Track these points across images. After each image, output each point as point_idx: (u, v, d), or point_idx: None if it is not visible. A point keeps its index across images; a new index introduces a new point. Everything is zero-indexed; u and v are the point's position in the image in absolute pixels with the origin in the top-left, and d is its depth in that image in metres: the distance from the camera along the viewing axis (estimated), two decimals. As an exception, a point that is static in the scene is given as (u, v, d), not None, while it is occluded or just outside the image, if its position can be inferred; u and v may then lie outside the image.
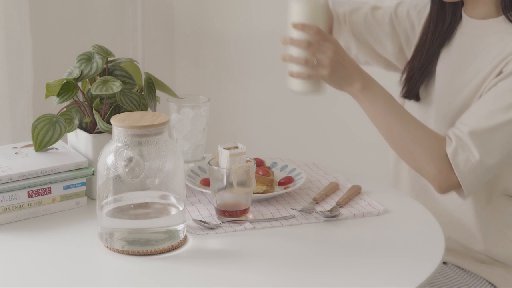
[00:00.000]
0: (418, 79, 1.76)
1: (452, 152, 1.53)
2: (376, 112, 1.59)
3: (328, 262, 1.33)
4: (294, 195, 1.60)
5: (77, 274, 1.29)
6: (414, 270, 1.31)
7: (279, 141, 3.18)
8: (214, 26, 3.26)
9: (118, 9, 3.09)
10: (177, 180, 1.37)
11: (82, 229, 1.45)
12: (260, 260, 1.33)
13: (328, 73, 1.55)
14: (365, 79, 1.58)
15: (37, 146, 1.54)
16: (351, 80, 1.57)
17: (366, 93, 1.57)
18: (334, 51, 1.55)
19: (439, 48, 1.75)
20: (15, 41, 2.51)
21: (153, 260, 1.33)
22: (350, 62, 1.58)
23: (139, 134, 1.33)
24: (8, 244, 1.39)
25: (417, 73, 1.76)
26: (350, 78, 1.57)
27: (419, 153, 1.57)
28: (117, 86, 1.53)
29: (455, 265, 1.73)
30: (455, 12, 1.74)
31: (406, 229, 1.48)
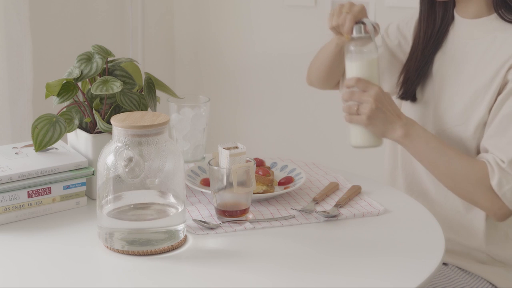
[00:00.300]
0: (414, 80, 1.77)
1: (497, 184, 1.57)
2: (421, 156, 1.65)
3: (328, 262, 1.33)
4: (294, 195, 1.60)
5: (77, 274, 1.29)
6: (414, 270, 1.31)
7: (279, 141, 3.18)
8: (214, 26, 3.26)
9: (118, 9, 3.09)
10: (177, 180, 1.37)
11: (82, 229, 1.45)
12: (260, 260, 1.33)
13: (367, 120, 1.62)
14: (406, 126, 1.63)
15: (37, 146, 1.54)
16: (393, 128, 1.63)
17: (409, 140, 1.63)
18: (375, 99, 1.61)
19: (434, 50, 1.76)
20: (15, 41, 2.51)
21: (153, 260, 1.33)
22: (391, 109, 1.63)
23: (139, 134, 1.33)
24: (8, 244, 1.39)
25: (413, 75, 1.77)
26: (391, 125, 1.63)
27: (469, 188, 1.61)
28: (118, 86, 1.53)
29: (455, 266, 1.73)
30: (445, 12, 1.75)
31: (406, 229, 1.48)
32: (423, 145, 1.63)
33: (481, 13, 1.69)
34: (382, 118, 1.62)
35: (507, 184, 1.57)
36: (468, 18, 1.71)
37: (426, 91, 1.76)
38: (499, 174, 1.57)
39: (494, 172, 1.57)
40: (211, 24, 3.27)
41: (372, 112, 1.61)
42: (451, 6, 1.75)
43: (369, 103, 1.61)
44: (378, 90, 1.62)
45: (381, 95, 1.62)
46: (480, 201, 1.62)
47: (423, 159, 1.66)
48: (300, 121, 3.13)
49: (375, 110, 1.61)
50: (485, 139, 1.62)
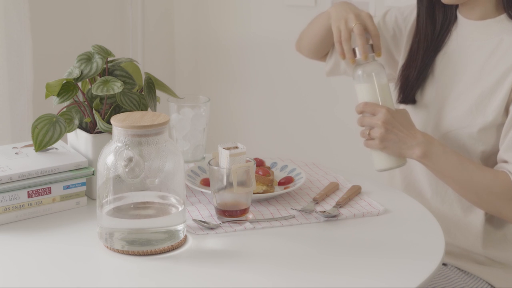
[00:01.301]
0: (414, 85, 1.76)
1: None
2: (442, 173, 1.63)
3: (328, 262, 1.33)
4: (294, 195, 1.60)
5: (77, 274, 1.29)
6: (414, 270, 1.31)
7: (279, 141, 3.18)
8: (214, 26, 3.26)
9: (118, 9, 3.09)
10: (177, 180, 1.37)
11: (82, 229, 1.45)
12: (260, 260, 1.33)
13: (380, 144, 1.62)
14: (423, 144, 1.61)
15: (37, 146, 1.54)
16: (408, 148, 1.62)
17: (428, 159, 1.62)
18: (383, 121, 1.60)
19: (435, 52, 1.74)
20: (15, 41, 2.51)
21: (153, 260, 1.33)
22: (403, 129, 1.62)
23: (139, 134, 1.33)
24: (8, 244, 1.39)
25: (413, 79, 1.76)
26: (405, 145, 1.62)
27: (494, 201, 1.61)
28: (118, 86, 1.52)
29: (454, 266, 1.73)
30: (446, 14, 1.74)
31: (406, 229, 1.48)
32: (443, 163, 1.62)
33: (488, 15, 1.68)
34: (395, 139, 1.61)
35: None
36: (473, 19, 1.69)
37: (427, 94, 1.75)
38: None
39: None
40: (211, 24, 3.27)
41: (383, 135, 1.61)
42: (452, 7, 1.73)
43: (378, 127, 1.61)
44: (386, 113, 1.61)
45: (389, 117, 1.61)
46: (506, 212, 1.62)
47: (444, 176, 1.64)
48: (300, 121, 3.13)
49: (385, 133, 1.60)
50: (503, 151, 1.61)
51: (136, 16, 3.12)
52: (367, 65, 1.65)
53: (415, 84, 1.76)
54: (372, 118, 1.62)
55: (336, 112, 2.97)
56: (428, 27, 1.74)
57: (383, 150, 1.63)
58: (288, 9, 3.06)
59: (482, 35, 1.68)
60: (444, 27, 1.74)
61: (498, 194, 1.60)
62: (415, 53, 1.76)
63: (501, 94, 1.62)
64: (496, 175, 1.60)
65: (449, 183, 1.65)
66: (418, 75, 1.75)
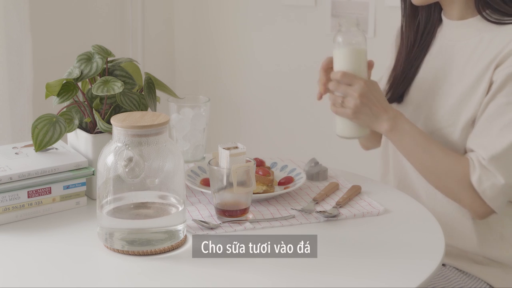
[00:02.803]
0: (400, 84, 1.79)
1: (477, 181, 1.58)
2: (406, 150, 1.65)
3: (328, 262, 1.33)
4: (294, 195, 1.60)
5: (77, 274, 1.29)
6: (414, 270, 1.30)
7: (279, 141, 3.19)
8: (213, 26, 3.26)
9: (118, 9, 3.09)
10: (177, 180, 1.37)
11: (82, 229, 1.45)
12: (260, 260, 1.33)
13: (352, 113, 1.63)
14: (393, 120, 1.64)
15: (37, 146, 1.54)
16: (378, 121, 1.64)
17: (394, 133, 1.64)
18: (360, 94, 1.62)
19: (420, 54, 1.78)
20: (15, 41, 2.51)
21: (153, 260, 1.33)
22: (377, 103, 1.64)
23: (139, 134, 1.33)
24: (8, 244, 1.39)
25: (399, 80, 1.80)
26: (377, 119, 1.64)
27: (452, 185, 1.62)
28: (119, 86, 1.52)
29: (453, 266, 1.73)
30: (429, 16, 1.77)
31: (406, 229, 1.48)
32: (408, 139, 1.64)
33: (467, 15, 1.70)
34: (368, 112, 1.63)
35: (487, 181, 1.57)
36: (454, 19, 1.72)
37: (414, 93, 1.78)
38: (479, 170, 1.58)
39: (475, 169, 1.58)
40: (211, 24, 3.27)
41: (357, 107, 1.62)
42: (435, 10, 1.77)
43: (354, 98, 1.62)
44: (363, 85, 1.62)
45: (366, 90, 1.62)
46: (462, 198, 1.62)
47: (408, 154, 1.66)
48: (300, 121, 3.13)
49: (359, 104, 1.62)
50: (470, 139, 1.63)
51: (136, 16, 3.12)
52: (348, 33, 1.65)
53: (400, 85, 1.79)
54: (348, 87, 1.63)
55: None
56: (411, 30, 1.78)
57: (352, 120, 1.65)
58: (288, 9, 3.06)
59: (463, 35, 1.70)
60: (427, 30, 1.78)
61: (456, 179, 1.61)
62: (400, 55, 1.81)
63: (480, 90, 1.63)
64: (458, 161, 1.61)
65: (412, 162, 1.67)
66: (403, 75, 1.79)
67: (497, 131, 1.58)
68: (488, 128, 1.60)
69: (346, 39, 1.63)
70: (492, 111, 1.60)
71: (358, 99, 1.62)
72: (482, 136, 1.60)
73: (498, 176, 1.56)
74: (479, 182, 1.57)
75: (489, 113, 1.60)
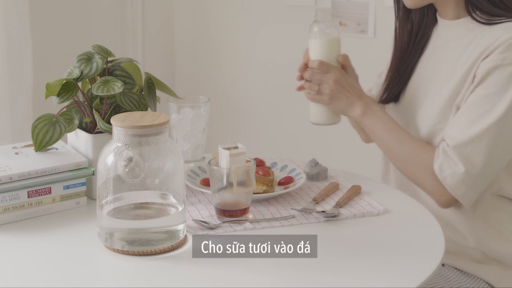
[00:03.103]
0: (396, 84, 1.82)
1: (438, 168, 1.61)
2: (375, 135, 1.72)
3: (327, 262, 1.33)
4: (294, 195, 1.60)
5: (77, 274, 1.29)
6: (414, 270, 1.30)
7: (279, 141, 3.19)
8: (214, 26, 3.26)
9: (118, 9, 3.09)
10: (177, 180, 1.37)
11: (82, 229, 1.45)
12: (260, 260, 1.33)
13: (328, 100, 1.73)
14: (365, 105, 1.72)
15: (37, 146, 1.54)
16: (352, 107, 1.73)
17: (366, 118, 1.72)
18: (335, 81, 1.71)
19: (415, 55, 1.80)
20: (15, 41, 2.51)
21: (153, 260, 1.33)
22: (351, 89, 1.73)
23: (139, 134, 1.33)
24: (8, 244, 1.39)
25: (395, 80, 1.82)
26: (351, 104, 1.73)
27: (417, 171, 1.66)
28: (119, 86, 1.52)
29: (452, 266, 1.73)
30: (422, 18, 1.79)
31: (406, 229, 1.48)
32: (378, 124, 1.70)
33: (460, 14, 1.72)
34: (343, 98, 1.72)
35: (448, 169, 1.60)
36: (448, 19, 1.74)
37: (410, 93, 1.80)
38: (442, 158, 1.60)
39: (438, 157, 1.61)
40: (211, 24, 3.27)
41: (333, 93, 1.71)
42: (428, 12, 1.79)
43: (329, 84, 1.71)
44: (339, 73, 1.71)
45: (341, 77, 1.71)
46: (425, 185, 1.65)
47: (377, 138, 1.72)
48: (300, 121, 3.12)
49: (336, 91, 1.71)
50: (446, 129, 1.66)
51: (136, 16, 3.12)
52: (323, 23, 1.72)
53: (396, 85, 1.82)
54: (323, 75, 1.72)
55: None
56: (405, 30, 1.81)
57: (329, 106, 1.73)
58: (288, 9, 3.06)
59: (456, 34, 1.71)
60: (421, 31, 1.80)
61: (420, 166, 1.64)
62: (394, 56, 1.84)
63: (465, 85, 1.65)
64: (424, 148, 1.65)
65: (380, 146, 1.72)
66: (398, 76, 1.82)
67: (467, 121, 1.60)
68: (461, 118, 1.62)
69: (321, 29, 1.71)
70: (469, 102, 1.62)
71: (333, 85, 1.71)
72: (454, 126, 1.63)
73: (459, 164, 1.59)
74: (440, 170, 1.61)
75: (466, 104, 1.62)
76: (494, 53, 1.60)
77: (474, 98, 1.61)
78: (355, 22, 2.89)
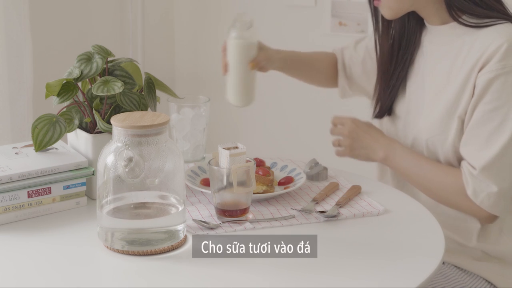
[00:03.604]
0: (388, 97, 1.82)
1: (472, 193, 1.61)
2: (402, 173, 1.73)
3: (327, 262, 1.33)
4: (294, 195, 1.60)
5: (77, 274, 1.29)
6: (414, 270, 1.31)
7: (279, 141, 3.18)
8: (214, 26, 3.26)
9: (118, 9, 3.09)
10: (177, 180, 1.37)
11: (82, 229, 1.45)
12: (260, 260, 1.33)
13: (349, 152, 1.79)
14: (385, 148, 1.75)
15: (37, 146, 1.54)
16: (373, 152, 1.76)
17: (390, 160, 1.74)
18: (349, 132, 1.78)
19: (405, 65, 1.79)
20: (15, 41, 2.51)
21: (153, 260, 1.33)
22: (367, 136, 1.77)
23: (139, 134, 1.33)
24: (8, 244, 1.39)
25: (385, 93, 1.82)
26: (371, 150, 1.77)
27: (451, 199, 1.66)
28: (119, 87, 1.52)
29: (452, 264, 1.73)
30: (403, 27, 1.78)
31: (406, 229, 1.48)
32: (401, 163, 1.71)
33: (447, 19, 1.70)
34: (360, 146, 1.77)
35: (482, 192, 1.60)
36: (436, 25, 1.72)
37: (404, 104, 1.79)
38: (472, 183, 1.61)
39: (468, 182, 1.61)
40: (211, 24, 3.27)
41: (350, 145, 1.78)
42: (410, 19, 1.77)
43: (345, 136, 1.78)
44: (351, 123, 1.78)
45: (354, 127, 1.77)
46: (463, 209, 1.66)
47: (405, 176, 1.73)
48: (300, 121, 3.12)
49: (352, 142, 1.77)
50: (461, 146, 1.65)
51: (136, 16, 3.12)
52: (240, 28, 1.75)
53: (387, 98, 1.82)
54: (340, 128, 1.80)
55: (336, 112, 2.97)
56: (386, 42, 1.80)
57: (352, 156, 1.79)
58: (288, 9, 3.06)
59: (446, 39, 1.70)
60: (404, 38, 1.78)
61: (452, 193, 1.64)
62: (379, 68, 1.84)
63: (466, 95, 1.64)
64: (449, 173, 1.65)
65: (410, 182, 1.73)
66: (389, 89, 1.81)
67: (484, 139, 1.60)
68: (475, 136, 1.61)
69: (237, 34, 1.75)
70: (478, 118, 1.61)
71: (349, 137, 1.78)
72: (470, 144, 1.62)
73: (491, 185, 1.59)
74: (475, 195, 1.60)
75: (475, 120, 1.62)
76: (492, 62, 1.59)
77: (483, 113, 1.60)
78: (355, 22, 2.89)
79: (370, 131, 1.77)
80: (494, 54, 1.58)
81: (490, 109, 1.59)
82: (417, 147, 1.73)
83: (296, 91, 3.09)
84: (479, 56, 1.61)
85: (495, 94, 1.58)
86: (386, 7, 1.69)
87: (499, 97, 1.58)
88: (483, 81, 1.59)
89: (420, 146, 1.72)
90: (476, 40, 1.63)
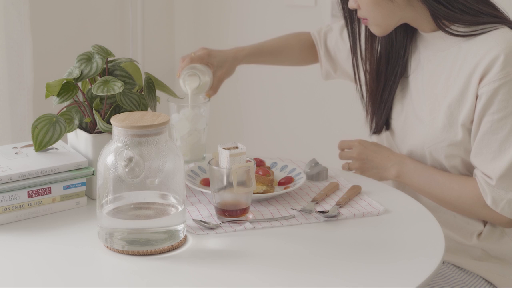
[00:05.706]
0: (383, 112, 1.80)
1: (492, 203, 1.61)
2: (417, 189, 1.73)
3: (328, 262, 1.33)
4: (294, 195, 1.60)
5: (77, 274, 1.29)
6: (414, 270, 1.31)
7: (279, 141, 3.18)
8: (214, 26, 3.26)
9: (118, 9, 3.09)
10: (177, 180, 1.37)
11: (82, 229, 1.45)
12: (260, 260, 1.33)
13: (360, 173, 1.79)
14: (397, 165, 1.74)
15: (37, 146, 1.54)
16: (385, 171, 1.76)
17: (402, 177, 1.74)
18: (358, 154, 1.79)
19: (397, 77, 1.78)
20: (15, 41, 2.51)
21: (153, 260, 1.33)
22: (376, 156, 1.77)
23: (139, 134, 1.33)
24: (8, 244, 1.39)
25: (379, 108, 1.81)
26: (383, 170, 1.76)
27: (468, 209, 1.67)
28: (119, 86, 1.52)
29: (452, 263, 1.73)
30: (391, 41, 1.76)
31: (406, 229, 1.48)
32: (416, 179, 1.71)
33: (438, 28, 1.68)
34: (371, 166, 1.77)
35: (501, 201, 1.60)
36: (429, 32, 1.70)
37: (401, 116, 1.78)
38: (490, 193, 1.60)
39: (486, 192, 1.61)
40: (211, 24, 3.27)
41: (361, 167, 1.78)
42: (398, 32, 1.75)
43: (354, 159, 1.79)
44: (359, 145, 1.79)
45: (362, 149, 1.78)
46: (483, 217, 1.67)
47: (419, 191, 1.72)
48: (301, 121, 3.13)
49: (362, 164, 1.78)
50: (472, 156, 1.65)
51: (136, 16, 3.12)
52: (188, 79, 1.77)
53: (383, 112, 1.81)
54: (348, 152, 1.81)
55: (336, 112, 2.97)
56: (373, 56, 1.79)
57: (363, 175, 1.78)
58: (288, 9, 3.06)
59: (442, 45, 1.68)
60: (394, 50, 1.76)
61: (470, 203, 1.65)
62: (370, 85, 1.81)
63: (467, 103, 1.62)
64: (464, 184, 1.65)
65: (426, 196, 1.72)
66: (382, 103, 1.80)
67: (495, 148, 1.60)
68: (486, 146, 1.61)
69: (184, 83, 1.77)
70: (487, 129, 1.60)
71: (357, 159, 1.78)
72: (483, 154, 1.62)
73: (509, 192, 1.60)
74: (495, 204, 1.61)
75: (484, 131, 1.61)
76: (493, 71, 1.57)
77: (491, 123, 1.59)
78: (355, 22, 2.89)
79: (379, 150, 1.77)
80: (494, 63, 1.57)
81: (499, 118, 1.59)
82: (418, 156, 1.73)
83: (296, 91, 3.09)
84: (476, 63, 1.59)
85: (502, 104, 1.58)
86: (374, 24, 1.68)
87: (506, 106, 1.58)
88: (488, 91, 1.58)
89: (421, 154, 1.72)
90: (472, 47, 1.62)
